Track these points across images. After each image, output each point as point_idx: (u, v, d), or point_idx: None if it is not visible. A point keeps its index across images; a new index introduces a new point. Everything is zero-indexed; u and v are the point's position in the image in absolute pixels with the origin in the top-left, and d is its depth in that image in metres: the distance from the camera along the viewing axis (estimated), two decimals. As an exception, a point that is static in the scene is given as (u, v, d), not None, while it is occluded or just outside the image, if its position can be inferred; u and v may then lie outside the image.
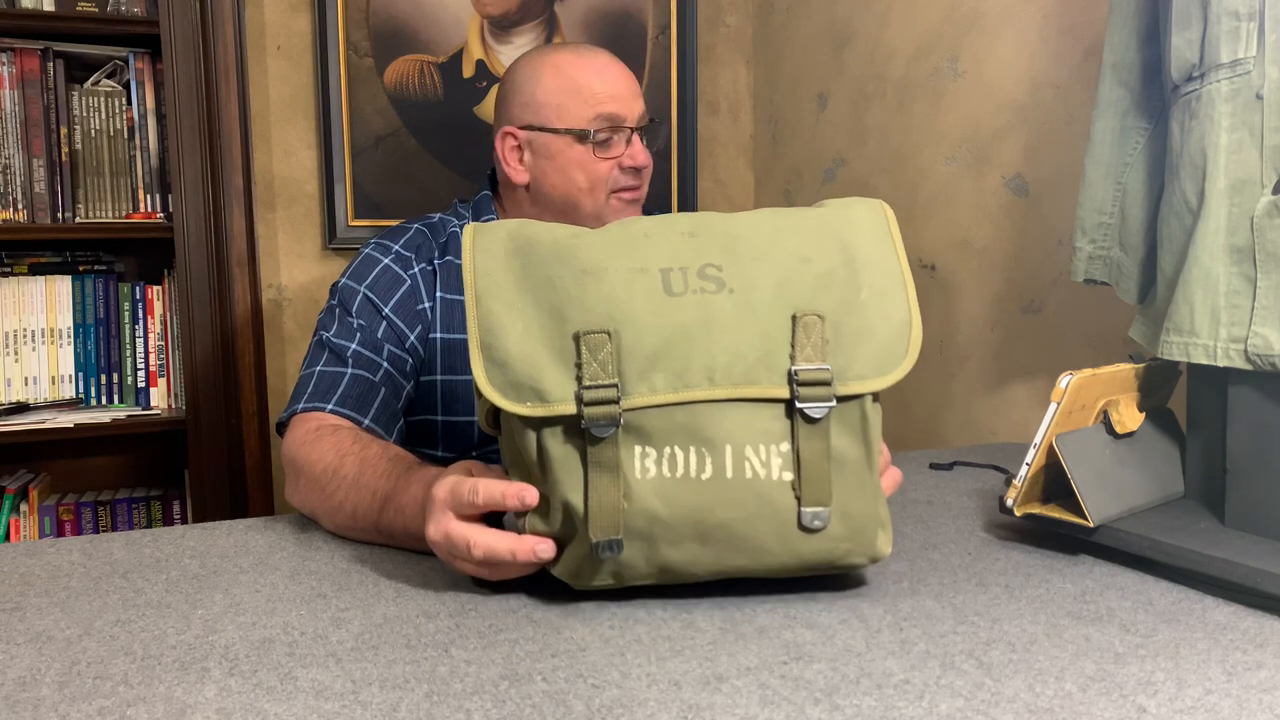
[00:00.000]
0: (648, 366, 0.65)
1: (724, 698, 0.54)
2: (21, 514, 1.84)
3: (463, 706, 0.54)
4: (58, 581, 0.76)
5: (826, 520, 0.66)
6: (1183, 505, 0.87)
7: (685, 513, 0.65)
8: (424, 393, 1.12)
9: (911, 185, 1.74)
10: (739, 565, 0.67)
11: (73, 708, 0.54)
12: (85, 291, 1.87)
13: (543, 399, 0.65)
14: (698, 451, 0.65)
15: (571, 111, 1.12)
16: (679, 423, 0.65)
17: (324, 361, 1.04)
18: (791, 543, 0.66)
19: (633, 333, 0.65)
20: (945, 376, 1.65)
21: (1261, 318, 0.80)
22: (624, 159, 1.13)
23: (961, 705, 0.53)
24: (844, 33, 1.93)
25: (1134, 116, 1.04)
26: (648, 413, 0.65)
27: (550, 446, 0.66)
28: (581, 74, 1.12)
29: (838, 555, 0.68)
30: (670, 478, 0.65)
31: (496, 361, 0.66)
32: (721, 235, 0.69)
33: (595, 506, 0.64)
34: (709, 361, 0.65)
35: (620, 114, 1.12)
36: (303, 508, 0.92)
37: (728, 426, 0.65)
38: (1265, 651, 0.61)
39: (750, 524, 0.66)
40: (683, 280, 0.67)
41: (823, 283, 0.68)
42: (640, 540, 0.65)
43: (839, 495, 0.67)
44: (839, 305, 0.68)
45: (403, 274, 1.11)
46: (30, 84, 1.78)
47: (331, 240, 2.04)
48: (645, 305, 0.66)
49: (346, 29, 2.02)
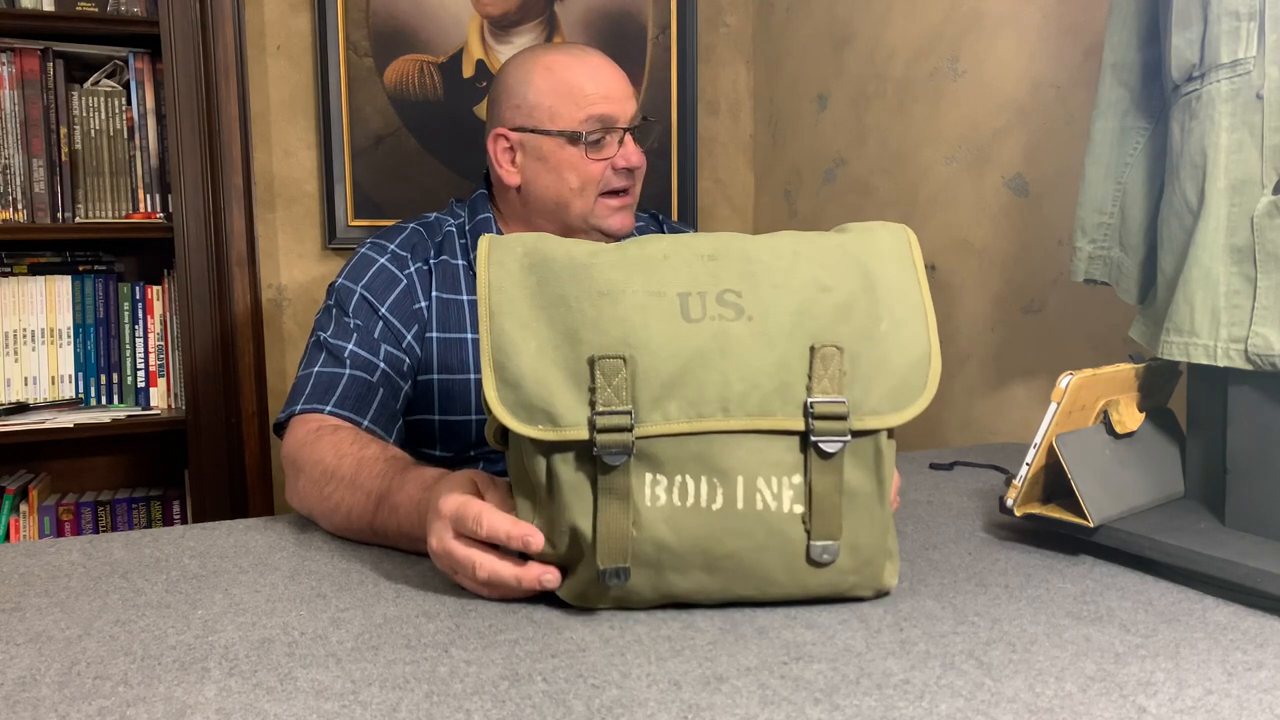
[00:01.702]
0: (662, 394, 0.64)
1: (724, 698, 0.54)
2: (21, 514, 1.84)
3: (463, 706, 0.54)
4: (58, 581, 0.75)
5: (836, 554, 0.66)
6: (1183, 505, 0.87)
7: (694, 542, 0.64)
8: (421, 392, 1.11)
9: (911, 185, 1.74)
10: (745, 595, 0.67)
11: (73, 708, 0.54)
12: (85, 291, 1.87)
13: (555, 423, 0.64)
14: (709, 481, 0.64)
15: (563, 114, 1.11)
16: (691, 451, 0.64)
17: (321, 362, 1.04)
18: (799, 575, 0.66)
19: (648, 358, 0.64)
20: (945, 376, 1.65)
21: (1261, 318, 0.80)
22: (617, 159, 1.12)
23: (961, 705, 0.53)
24: (844, 33, 1.93)
25: (1134, 116, 1.04)
26: (660, 441, 0.64)
27: (560, 471, 0.65)
28: (574, 75, 1.12)
29: (844, 587, 0.68)
30: (680, 506, 0.64)
31: (509, 382, 0.65)
32: (741, 259, 0.68)
33: (604, 534, 0.64)
34: (724, 391, 0.64)
35: (613, 115, 1.11)
36: (301, 508, 0.92)
37: (740, 456, 0.64)
38: (1265, 651, 0.61)
39: (758, 555, 0.65)
40: (701, 306, 0.66)
41: (842, 312, 0.67)
42: (648, 568, 0.65)
43: (849, 529, 0.66)
44: (858, 335, 0.67)
45: (399, 273, 1.11)
46: (30, 84, 1.78)
47: (331, 240, 2.04)
48: (662, 330, 0.65)
49: (346, 29, 2.02)
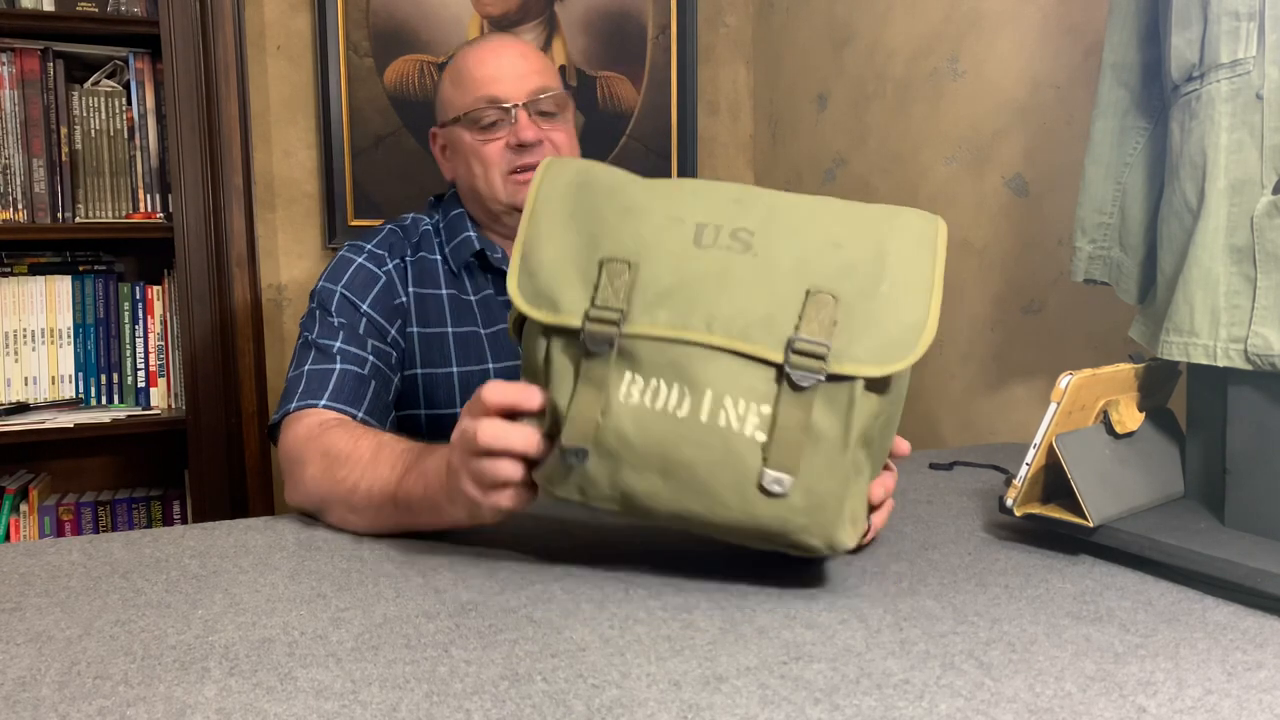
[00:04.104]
0: (656, 302, 0.68)
1: (724, 698, 0.54)
2: (21, 514, 1.84)
3: (463, 706, 0.54)
4: (58, 581, 0.76)
5: (787, 488, 0.66)
6: (1183, 505, 0.87)
7: (654, 442, 0.67)
8: (407, 387, 1.13)
9: (911, 185, 1.74)
10: (695, 512, 0.68)
11: (73, 708, 0.54)
12: (85, 291, 1.87)
13: (555, 309, 0.70)
14: (680, 389, 0.67)
15: (457, 101, 1.15)
16: (670, 358, 0.68)
17: (311, 360, 1.04)
18: (749, 501, 0.67)
19: (651, 268, 0.69)
20: (945, 376, 1.65)
21: (1261, 318, 0.80)
22: (509, 137, 1.13)
23: (961, 705, 0.53)
24: (844, 33, 1.93)
25: (1134, 116, 1.04)
26: (644, 343, 0.68)
27: (554, 353, 0.70)
28: (466, 63, 1.16)
29: (793, 528, 0.67)
30: (649, 408, 0.68)
31: (529, 271, 0.72)
32: (764, 206, 0.71)
33: (573, 414, 0.69)
34: (713, 310, 0.67)
35: (499, 95, 1.12)
36: (308, 500, 0.91)
37: (715, 372, 0.67)
38: (1265, 651, 0.61)
39: (712, 471, 0.67)
40: (714, 236, 0.70)
41: (846, 269, 0.68)
42: (608, 458, 0.68)
43: (806, 470, 0.66)
44: (857, 292, 0.68)
45: (377, 270, 1.13)
46: (30, 84, 1.78)
47: (331, 240, 2.04)
48: (671, 249, 0.69)
49: (346, 29, 2.02)
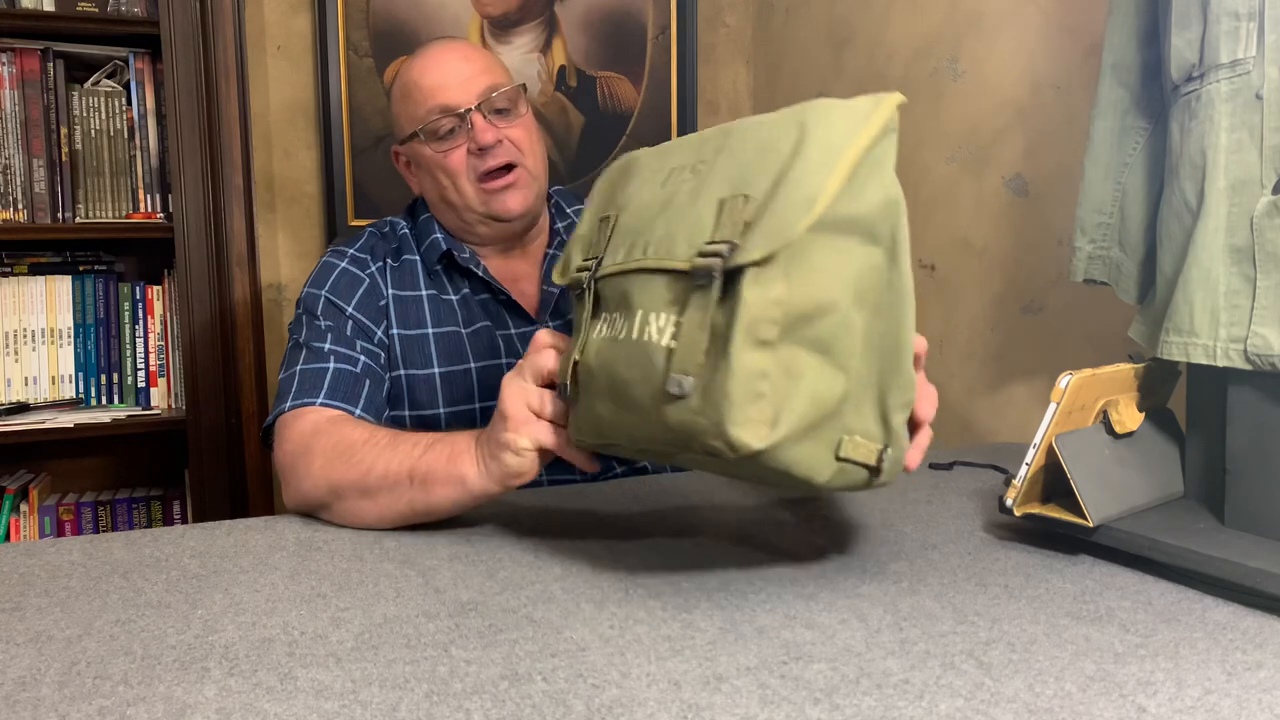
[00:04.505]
0: (619, 243, 0.73)
1: (724, 698, 0.54)
2: (21, 514, 1.84)
3: (463, 706, 0.54)
4: (58, 581, 0.76)
5: (687, 390, 0.64)
6: (1183, 505, 0.87)
7: (605, 368, 0.71)
8: (392, 389, 1.12)
9: (911, 185, 1.74)
10: (640, 434, 0.69)
11: (73, 708, 0.54)
12: (85, 291, 1.87)
13: (566, 271, 0.79)
14: (624, 316, 0.70)
15: (410, 115, 1.13)
16: (619, 290, 0.71)
17: (304, 360, 1.04)
18: (661, 409, 0.65)
19: (626, 217, 0.74)
20: (945, 376, 1.65)
21: (1261, 318, 0.80)
22: (469, 143, 1.11)
23: (961, 705, 0.53)
24: (844, 33, 1.93)
25: (1134, 116, 1.04)
26: (608, 281, 0.73)
27: (575, 306, 0.78)
28: (411, 76, 1.13)
29: (697, 430, 0.64)
30: (607, 338, 0.71)
31: (573, 242, 0.80)
32: (727, 134, 0.72)
33: (564, 356, 0.76)
34: (651, 237, 0.70)
35: (450, 102, 1.10)
36: (314, 490, 0.90)
37: (644, 293, 0.69)
38: (1265, 651, 0.61)
39: (639, 386, 0.67)
40: (678, 176, 0.73)
41: (765, 168, 0.66)
42: (584, 393, 0.73)
43: (708, 369, 0.64)
44: (770, 186, 0.65)
45: (360, 274, 1.12)
46: (30, 84, 1.78)
47: (331, 240, 2.04)
48: (643, 195, 0.74)
49: (346, 29, 2.02)
